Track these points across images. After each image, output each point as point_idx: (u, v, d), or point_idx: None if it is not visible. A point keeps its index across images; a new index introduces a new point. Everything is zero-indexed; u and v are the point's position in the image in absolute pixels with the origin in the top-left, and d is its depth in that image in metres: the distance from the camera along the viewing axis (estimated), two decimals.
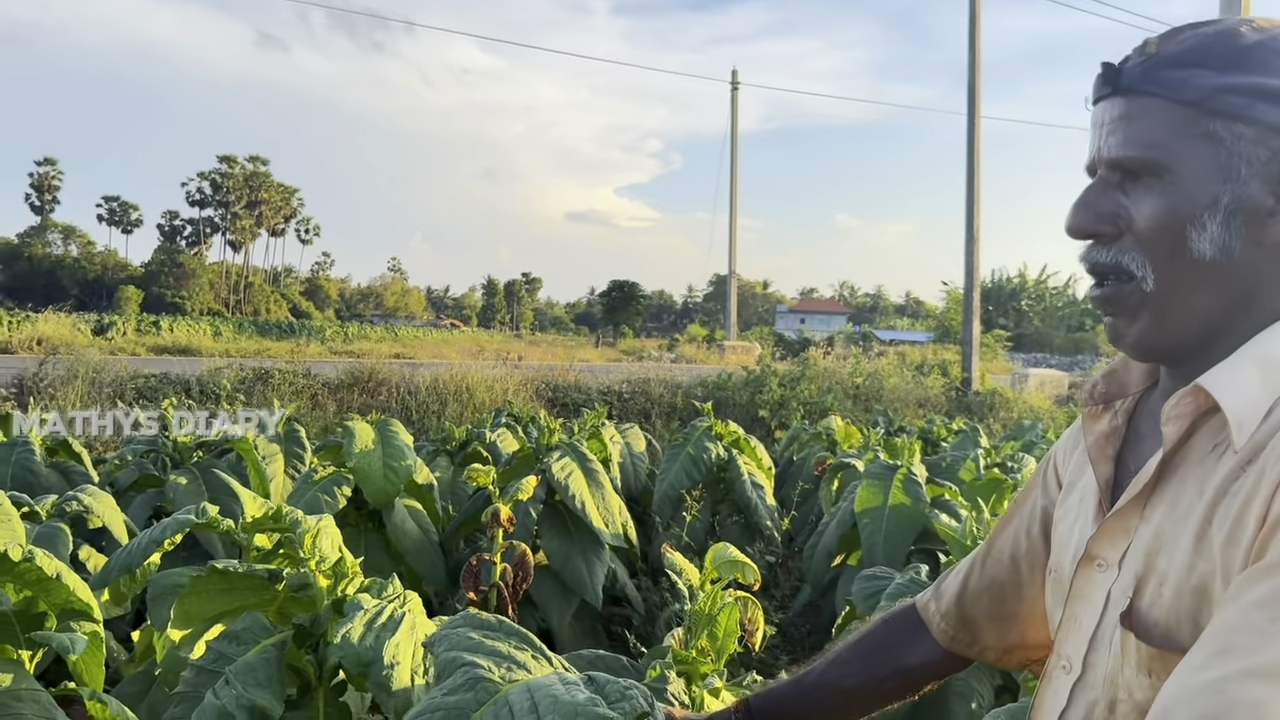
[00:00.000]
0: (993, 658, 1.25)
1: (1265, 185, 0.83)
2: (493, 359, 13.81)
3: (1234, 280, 0.86)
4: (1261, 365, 0.84)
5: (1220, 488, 0.81)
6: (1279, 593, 0.68)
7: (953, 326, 25.86)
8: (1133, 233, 0.89)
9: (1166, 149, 0.86)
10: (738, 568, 2.02)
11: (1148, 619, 0.85)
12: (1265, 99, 0.82)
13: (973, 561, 1.26)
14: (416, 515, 4.39)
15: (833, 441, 6.73)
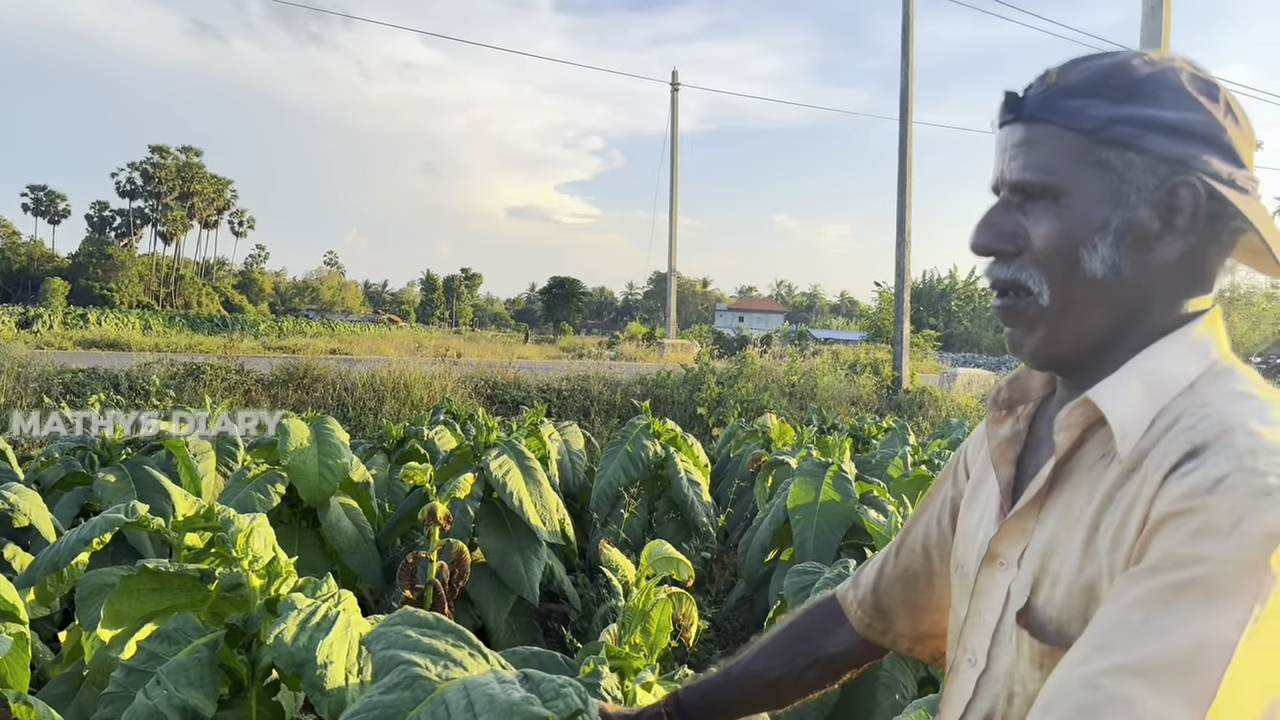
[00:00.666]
0: (906, 646, 1.31)
1: (1153, 210, 0.89)
2: (431, 355, 13.70)
3: (1124, 297, 0.92)
4: (1145, 380, 0.89)
5: (1107, 494, 0.87)
6: (1152, 594, 0.73)
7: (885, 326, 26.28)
8: (1030, 252, 0.94)
9: (1062, 174, 0.91)
10: (672, 564, 2.06)
11: (1042, 616, 0.91)
12: (1154, 130, 0.88)
13: (889, 552, 1.32)
14: (352, 513, 4.35)
15: (768, 439, 6.83)
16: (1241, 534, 0.72)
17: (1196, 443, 0.81)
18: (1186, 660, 0.69)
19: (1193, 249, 0.90)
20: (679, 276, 26.87)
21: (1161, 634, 0.71)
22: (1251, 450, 0.77)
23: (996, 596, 0.99)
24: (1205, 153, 0.88)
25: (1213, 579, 0.71)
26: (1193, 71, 0.91)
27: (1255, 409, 0.83)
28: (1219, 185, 0.87)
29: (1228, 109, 0.90)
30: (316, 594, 1.65)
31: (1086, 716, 0.70)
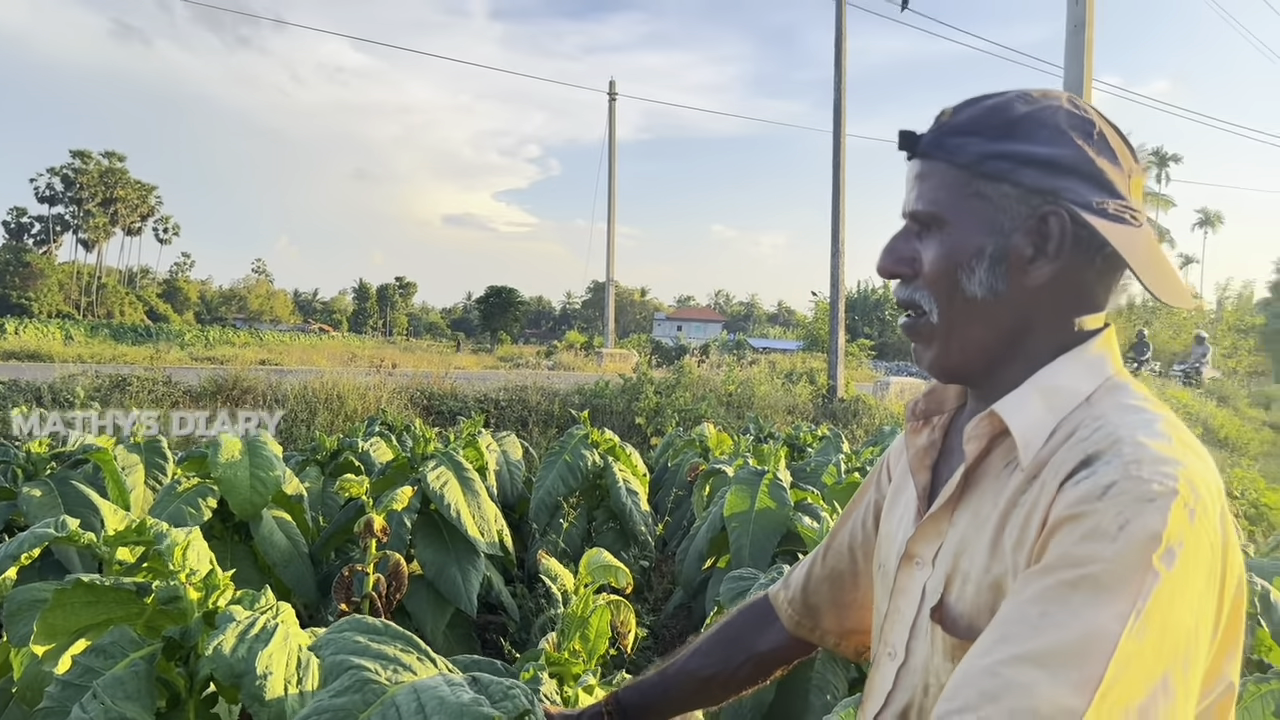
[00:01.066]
0: (832, 642, 1.38)
1: (1026, 237, 0.98)
2: (365, 366, 13.53)
3: (1004, 316, 1.00)
4: (1045, 395, 0.98)
5: (1011, 499, 0.94)
6: (1048, 591, 0.80)
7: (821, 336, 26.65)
8: (922, 275, 1.03)
9: (946, 205, 1.00)
10: (611, 572, 2.09)
11: (954, 612, 0.98)
12: (1027, 164, 0.97)
13: (817, 553, 1.39)
14: (285, 527, 4.30)
15: (706, 448, 6.89)
16: (1127, 536, 0.79)
17: (1089, 453, 0.88)
18: (1077, 650, 0.75)
19: (1066, 272, 0.98)
20: (617, 286, 26.94)
21: (1055, 627, 0.77)
22: (1137, 460, 0.84)
23: (913, 594, 1.06)
24: (1074, 184, 0.96)
25: (1101, 577, 0.78)
26: (1070, 110, 0.99)
27: (1144, 422, 0.91)
28: (1086, 214, 0.95)
29: (1102, 144, 0.98)
30: (255, 606, 1.65)
31: (988, 701, 0.76)
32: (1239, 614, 0.91)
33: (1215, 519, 0.85)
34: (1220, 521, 0.86)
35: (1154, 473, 0.83)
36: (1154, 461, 0.84)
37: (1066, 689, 0.74)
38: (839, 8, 14.72)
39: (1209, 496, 0.85)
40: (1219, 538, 0.85)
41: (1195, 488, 0.84)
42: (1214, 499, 0.86)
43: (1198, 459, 0.89)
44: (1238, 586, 0.89)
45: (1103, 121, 1.00)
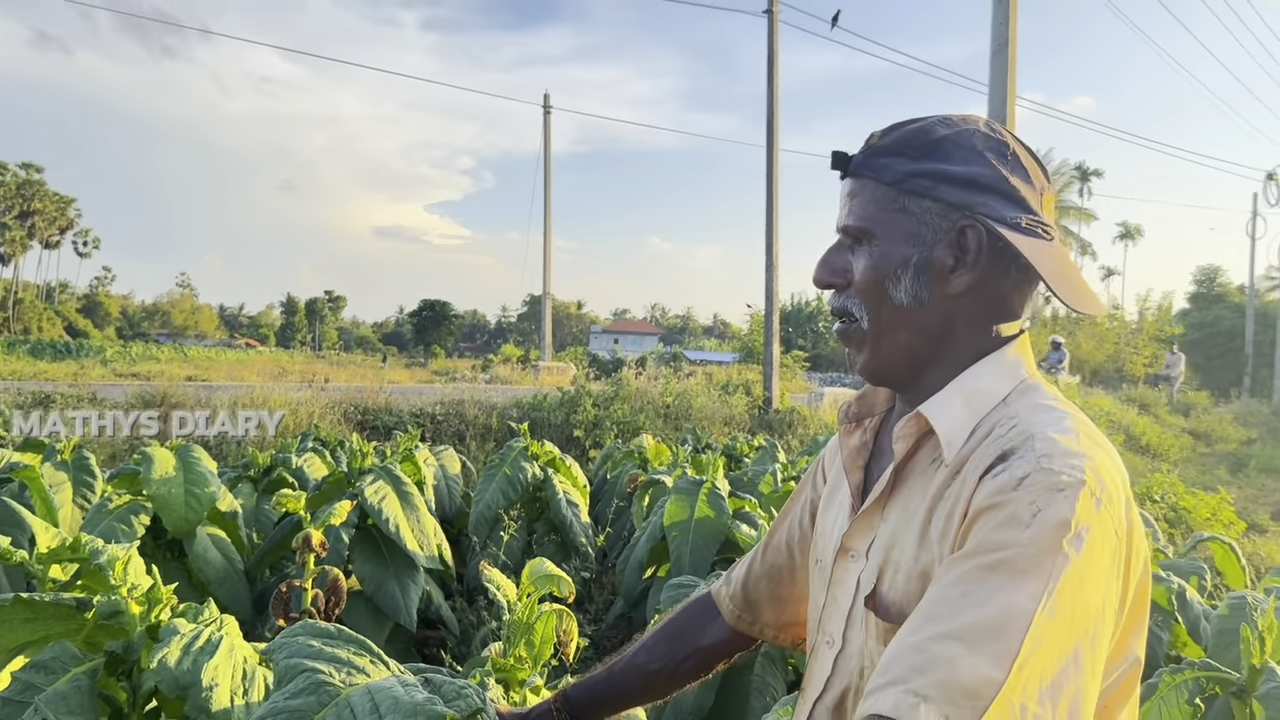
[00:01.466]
0: (771, 635, 1.45)
1: (947, 249, 1.06)
2: (296, 381, 13.32)
3: (928, 322, 1.08)
4: (965, 396, 1.06)
5: (936, 493, 1.02)
6: (969, 574, 0.87)
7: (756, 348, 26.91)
8: (854, 285, 1.11)
9: (874, 220, 1.08)
10: (553, 581, 2.12)
11: (887, 600, 1.05)
12: (946, 182, 1.05)
13: (757, 551, 1.46)
14: (220, 544, 4.23)
15: (644, 459, 6.93)
16: (1040, 523, 0.87)
17: (1005, 449, 0.96)
18: (995, 626, 0.82)
19: (983, 281, 1.06)
20: (553, 298, 26.91)
21: (976, 606, 0.84)
22: (1049, 454, 0.93)
23: (849, 585, 1.12)
24: (990, 200, 1.04)
25: (1016, 560, 0.85)
26: (986, 133, 1.07)
27: (1054, 419, 0.99)
28: (1001, 228, 1.03)
29: (1015, 164, 1.06)
30: (198, 619, 1.64)
31: (916, 674, 0.82)
32: (1144, 595, 0.99)
33: (1120, 507, 0.93)
34: (1125, 509, 0.94)
35: (1063, 465, 0.91)
36: (1063, 455, 0.92)
37: (987, 661, 0.80)
38: (770, 25, 14.95)
39: (1113, 486, 0.93)
40: (1124, 524, 0.93)
41: (1101, 478, 0.92)
42: (1118, 489, 0.94)
43: (1103, 453, 0.97)
44: (1143, 569, 0.97)
45: (1016, 144, 1.09)
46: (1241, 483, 14.99)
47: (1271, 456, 18.02)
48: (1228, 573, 4.69)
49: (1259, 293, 37.21)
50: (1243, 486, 14.38)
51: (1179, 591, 3.67)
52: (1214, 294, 39.77)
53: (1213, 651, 2.91)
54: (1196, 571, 4.10)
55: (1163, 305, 42.53)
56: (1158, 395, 22.63)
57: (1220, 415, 24.09)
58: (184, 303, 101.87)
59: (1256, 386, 32.70)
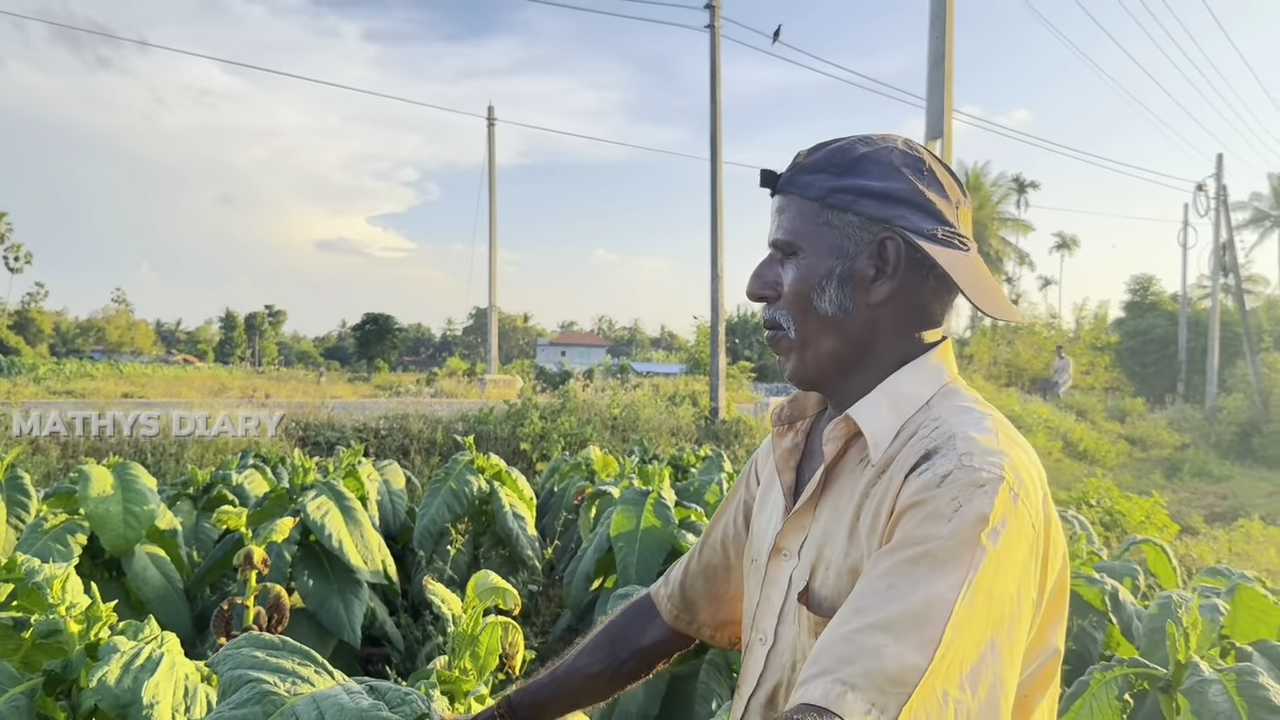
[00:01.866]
0: (708, 634, 1.48)
1: (868, 260, 1.11)
2: (236, 397, 13.10)
3: (852, 330, 1.14)
4: (891, 399, 1.11)
5: (865, 492, 1.07)
6: (894, 567, 0.92)
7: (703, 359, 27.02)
8: (783, 297, 1.16)
9: (800, 234, 1.14)
10: (499, 593, 2.12)
11: (819, 596, 1.09)
12: (866, 196, 1.10)
13: (694, 551, 1.50)
14: (160, 562, 4.17)
15: (592, 471, 6.94)
16: (960, 517, 0.92)
17: (928, 448, 1.02)
18: (918, 616, 0.86)
19: (904, 290, 1.12)
20: (499, 311, 26.80)
21: (900, 597, 0.88)
22: (969, 452, 0.98)
23: (782, 582, 1.16)
24: (907, 213, 1.10)
25: (938, 552, 0.90)
26: (904, 150, 1.13)
27: (974, 420, 1.05)
28: (918, 239, 1.09)
29: (931, 179, 1.12)
30: (139, 637, 1.63)
31: (844, 664, 0.86)
32: (1063, 587, 1.04)
33: (1037, 502, 0.98)
34: (1042, 504, 1.00)
35: (983, 463, 0.96)
36: (983, 453, 0.98)
37: (911, 649, 0.84)
38: (712, 39, 15.10)
39: (1030, 482, 0.99)
40: (1041, 518, 0.98)
41: (1019, 475, 0.97)
42: (1035, 484, 1.00)
43: (1020, 451, 1.03)
44: (1061, 561, 1.03)
45: (933, 160, 1.14)
46: (1176, 486, 15.42)
47: (1204, 461, 18.55)
48: (1160, 574, 4.83)
49: (1191, 301, 38.22)
50: (1177, 490, 14.79)
51: (1113, 593, 3.78)
52: (1148, 303, 40.81)
53: (1144, 650, 3.00)
54: (1130, 573, 4.22)
55: (1099, 314, 43.52)
56: (1043, 400, 23.01)
57: (1155, 421, 24.71)
58: (119, 319, 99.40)
59: (1190, 392, 33.56)
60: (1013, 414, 17.49)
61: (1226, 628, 3.20)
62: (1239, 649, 2.91)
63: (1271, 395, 21.82)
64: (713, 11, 15.07)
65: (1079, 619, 3.55)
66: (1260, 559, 7.22)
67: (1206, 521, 10.63)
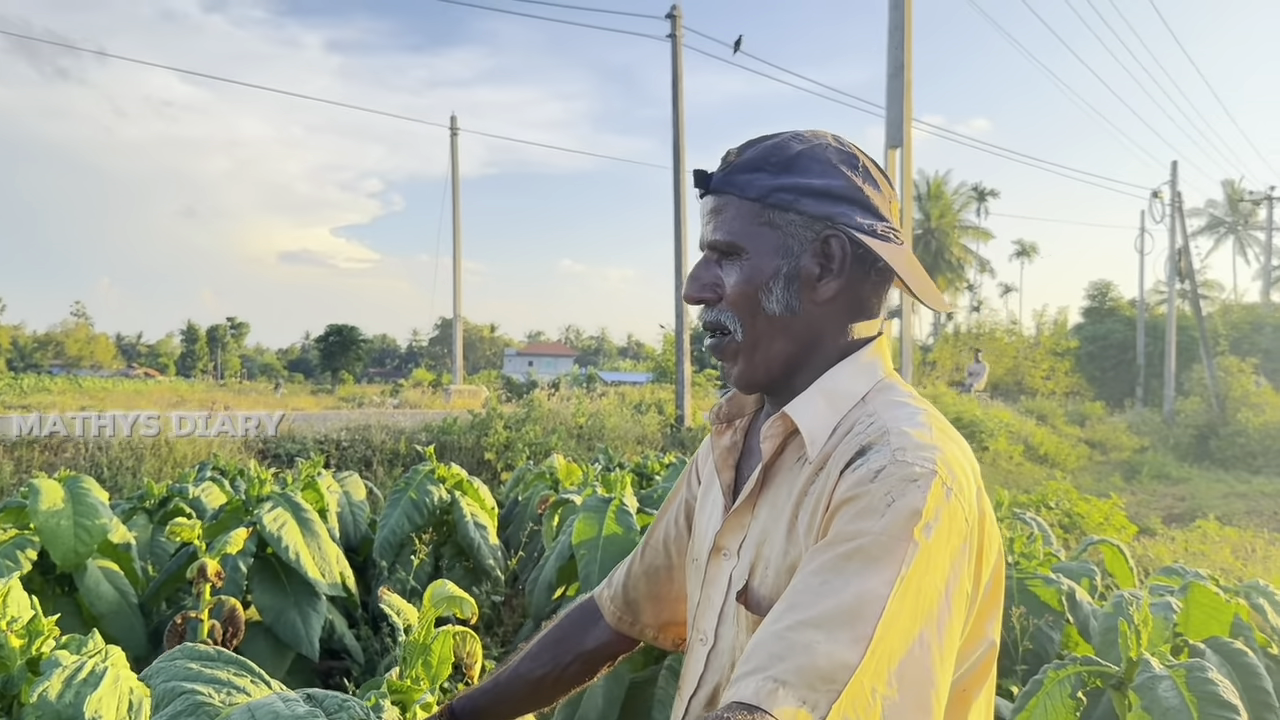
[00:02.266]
0: (651, 635, 1.47)
1: (813, 258, 1.11)
2: (195, 410, 12.92)
3: (800, 329, 1.13)
4: (828, 396, 1.11)
5: (802, 489, 1.06)
6: (828, 563, 0.92)
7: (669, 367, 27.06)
8: (726, 299, 1.14)
9: (741, 234, 1.12)
10: (455, 602, 2.10)
11: (758, 595, 1.09)
12: (807, 195, 1.10)
13: (637, 552, 1.49)
14: (113, 577, 4.10)
15: (556, 480, 6.90)
16: (893, 513, 0.92)
17: (863, 444, 1.02)
18: (850, 611, 0.87)
19: (848, 287, 1.12)
20: (466, 322, 26.70)
21: (833, 593, 0.88)
22: (902, 447, 0.98)
23: (721, 583, 1.16)
24: (848, 210, 1.10)
25: (870, 548, 0.90)
26: (837, 146, 1.13)
27: (908, 415, 1.05)
28: (861, 235, 1.09)
29: (866, 175, 1.12)
30: (82, 651, 1.59)
31: (777, 661, 0.86)
32: (999, 581, 1.05)
33: (971, 496, 0.99)
34: (976, 499, 1.00)
35: (916, 457, 0.97)
36: (916, 448, 0.98)
37: (842, 645, 0.85)
38: (674, 49, 15.17)
39: (964, 477, 0.99)
40: (974, 512, 0.99)
41: (952, 469, 0.98)
42: (968, 479, 1.00)
43: (954, 445, 1.03)
44: (997, 555, 1.03)
45: (863, 156, 1.15)
46: (1135, 488, 15.64)
47: (1162, 463, 18.84)
48: (1118, 574, 4.89)
49: (1149, 306, 38.86)
50: (1136, 492, 15.01)
51: (1069, 593, 3.82)
52: (1106, 308, 41.39)
53: (1099, 648, 3.03)
54: (1087, 573, 4.27)
55: (1058, 320, 44.08)
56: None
57: (1114, 424, 25.07)
58: (79, 332, 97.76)
59: (1148, 396, 34.06)
60: (974, 418, 17.69)
61: (1180, 626, 3.24)
62: (1192, 646, 2.96)
63: (1228, 399, 22.19)
64: (674, 21, 15.14)
65: (1035, 619, 3.58)
66: (1216, 558, 7.33)
67: (1164, 523, 10.79)
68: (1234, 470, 18.50)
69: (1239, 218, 54.56)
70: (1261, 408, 21.33)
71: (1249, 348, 30.53)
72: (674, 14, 15.16)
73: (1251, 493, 14.61)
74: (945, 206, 50.86)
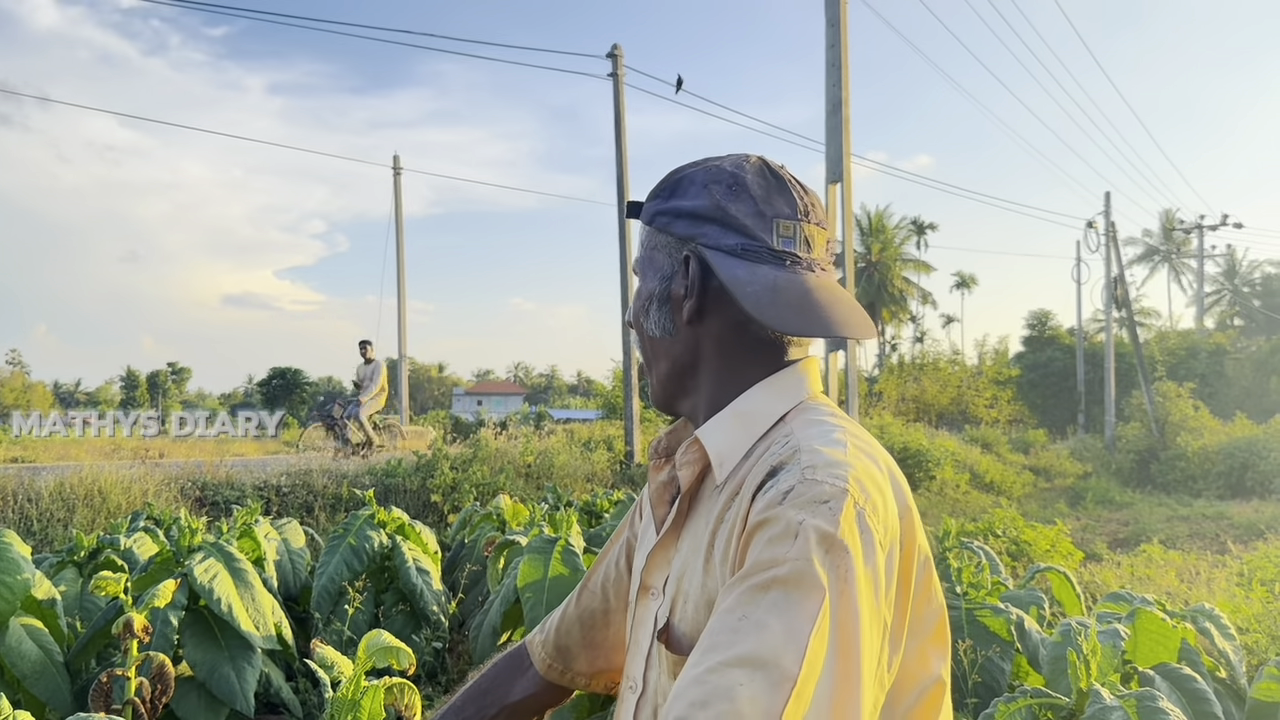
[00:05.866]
0: (583, 683, 1.39)
1: (681, 279, 1.09)
2: (130, 457, 12.56)
3: (678, 351, 1.12)
4: (740, 418, 1.06)
5: (719, 517, 1.01)
6: (744, 597, 0.86)
7: (618, 404, 27.00)
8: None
9: (640, 260, 1.15)
10: (392, 653, 2.01)
11: (678, 633, 1.03)
12: (680, 217, 1.09)
13: (573, 596, 1.42)
14: (36, 634, 3.92)
15: (503, 521, 6.78)
16: (804, 536, 0.86)
17: (774, 464, 0.96)
18: (772, 650, 0.80)
19: (715, 308, 1.09)
20: (413, 362, 26.42)
21: (753, 630, 0.82)
22: (813, 465, 0.93)
23: (648, 623, 1.10)
24: (710, 230, 1.07)
25: (786, 577, 0.84)
26: (728, 168, 1.10)
27: (823, 432, 1.00)
28: (714, 254, 1.06)
29: (740, 194, 1.08)
30: None
31: (697, 709, 0.79)
32: (939, 612, 1.00)
33: (888, 515, 0.93)
34: (899, 518, 0.95)
35: (826, 475, 0.91)
36: (827, 465, 0.93)
37: (765, 690, 0.79)
38: (615, 88, 15.27)
39: (878, 494, 0.94)
40: (894, 532, 0.93)
41: (864, 487, 0.92)
42: (884, 497, 0.95)
43: (869, 461, 0.98)
44: (929, 581, 0.97)
45: (760, 175, 1.10)
46: (1080, 514, 15.85)
47: (1106, 488, 19.15)
48: (1065, 601, 4.90)
49: (1087, 334, 39.70)
50: (1081, 518, 15.20)
51: (1018, 622, 3.80)
52: (1046, 337, 42.22)
53: (1049, 678, 3.01)
54: (1035, 601, 4.26)
55: (999, 349, 44.89)
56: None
57: (1057, 451, 25.48)
58: (14, 380, 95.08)
59: (1090, 423, 34.73)
60: (920, 448, 17.84)
61: (1129, 653, 3.24)
62: (1141, 674, 2.94)
63: (1167, 423, 22.67)
64: (615, 60, 15.25)
65: (984, 649, 3.55)
66: (1161, 582, 7.40)
67: (1110, 548, 10.91)
68: (1175, 494, 18.86)
69: (1172, 246, 56.16)
70: (1200, 432, 21.81)
71: (1185, 373, 31.29)
72: (615, 53, 15.27)
73: (1193, 515, 14.86)
74: (887, 240, 51.66)
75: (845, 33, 11.25)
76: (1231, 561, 8.48)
